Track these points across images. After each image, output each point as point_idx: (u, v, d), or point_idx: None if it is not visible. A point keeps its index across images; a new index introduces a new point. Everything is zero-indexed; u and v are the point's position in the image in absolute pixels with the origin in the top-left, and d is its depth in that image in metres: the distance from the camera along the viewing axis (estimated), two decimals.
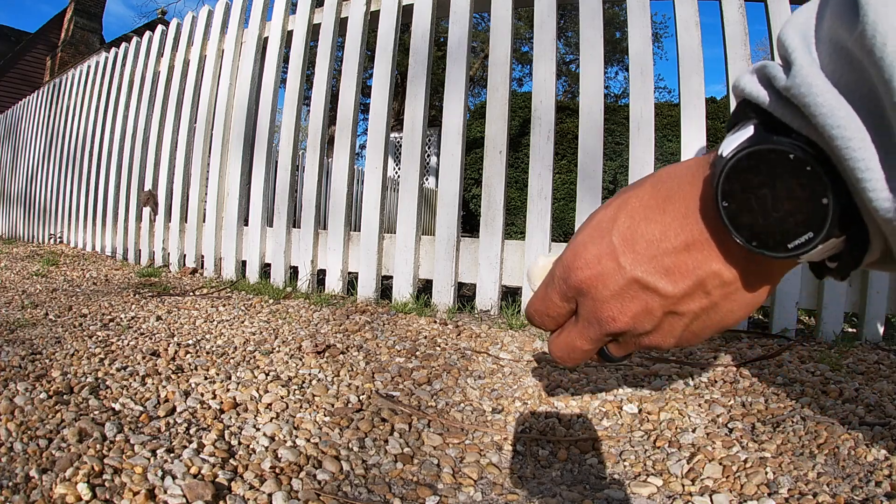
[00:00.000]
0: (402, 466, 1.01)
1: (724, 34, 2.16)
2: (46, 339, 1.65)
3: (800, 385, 1.41)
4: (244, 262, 3.16)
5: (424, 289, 2.61)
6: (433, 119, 10.05)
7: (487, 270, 2.39)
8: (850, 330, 2.11)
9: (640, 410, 1.24)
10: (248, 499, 0.82)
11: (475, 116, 7.83)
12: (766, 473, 0.97)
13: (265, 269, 3.11)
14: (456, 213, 2.48)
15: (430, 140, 14.04)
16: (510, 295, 2.64)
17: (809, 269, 0.42)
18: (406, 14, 2.73)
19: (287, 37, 3.16)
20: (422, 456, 1.06)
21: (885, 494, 0.90)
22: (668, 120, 5.95)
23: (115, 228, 4.21)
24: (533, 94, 2.38)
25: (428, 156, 14.12)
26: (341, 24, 2.94)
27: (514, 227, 6.10)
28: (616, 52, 19.93)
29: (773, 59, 1.84)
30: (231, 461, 0.95)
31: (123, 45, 4.43)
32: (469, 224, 8.02)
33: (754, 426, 1.17)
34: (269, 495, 0.84)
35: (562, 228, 5.80)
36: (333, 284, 2.75)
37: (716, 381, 1.46)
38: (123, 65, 4.37)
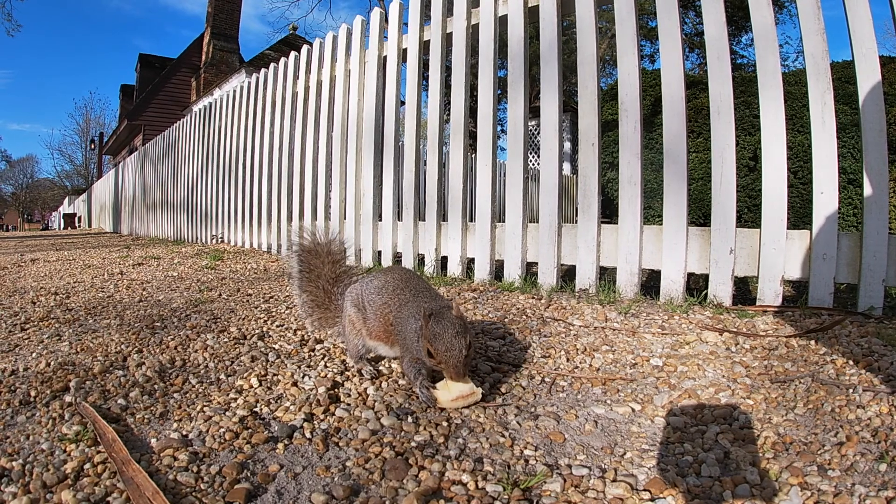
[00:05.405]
0: None
1: (798, 7, 2.26)
2: (223, 310, 2.39)
3: (838, 355, 1.57)
4: (379, 252, 3.84)
5: (535, 271, 3.02)
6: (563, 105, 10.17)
7: (585, 253, 2.73)
8: None
9: (663, 365, 1.59)
10: (351, 389, 1.39)
11: (606, 98, 7.84)
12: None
13: (397, 258, 3.74)
14: (556, 200, 2.85)
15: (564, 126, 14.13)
16: (607, 274, 2.94)
17: None
18: (502, 23, 3.17)
19: (402, 54, 3.76)
20: (479, 377, 1.54)
21: (838, 443, 1.12)
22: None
23: (269, 228, 5.19)
24: (618, 88, 2.69)
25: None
26: (447, 40, 3.45)
27: (651, 211, 6.17)
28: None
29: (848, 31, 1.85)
30: (346, 372, 1.52)
31: (263, 70, 5.39)
32: (608, 209, 7.76)
33: (762, 382, 1.44)
34: (365, 389, 1.40)
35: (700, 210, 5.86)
36: (454, 269, 3.28)
37: (755, 348, 1.71)
38: (265, 87, 5.34)
